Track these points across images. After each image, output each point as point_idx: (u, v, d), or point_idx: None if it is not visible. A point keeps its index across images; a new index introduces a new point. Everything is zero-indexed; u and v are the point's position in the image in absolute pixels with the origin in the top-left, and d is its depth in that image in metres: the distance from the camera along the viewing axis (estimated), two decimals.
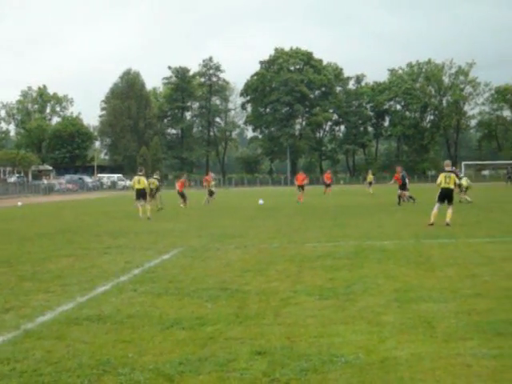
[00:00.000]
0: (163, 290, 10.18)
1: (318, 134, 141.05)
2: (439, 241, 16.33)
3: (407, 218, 25.01)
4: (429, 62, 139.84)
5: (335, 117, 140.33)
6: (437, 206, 21.40)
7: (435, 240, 16.52)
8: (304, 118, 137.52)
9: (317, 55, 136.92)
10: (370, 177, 55.67)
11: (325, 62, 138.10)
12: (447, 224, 20.62)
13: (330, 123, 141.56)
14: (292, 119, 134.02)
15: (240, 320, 8.01)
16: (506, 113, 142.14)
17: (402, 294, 9.34)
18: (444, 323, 7.54)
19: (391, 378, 5.72)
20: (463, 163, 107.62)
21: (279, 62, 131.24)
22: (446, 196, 21.31)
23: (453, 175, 21.47)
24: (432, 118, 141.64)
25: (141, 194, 28.02)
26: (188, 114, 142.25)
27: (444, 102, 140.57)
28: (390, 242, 16.39)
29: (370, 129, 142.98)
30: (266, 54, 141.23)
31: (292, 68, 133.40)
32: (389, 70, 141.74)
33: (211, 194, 40.81)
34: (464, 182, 35.54)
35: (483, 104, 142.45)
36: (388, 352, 6.46)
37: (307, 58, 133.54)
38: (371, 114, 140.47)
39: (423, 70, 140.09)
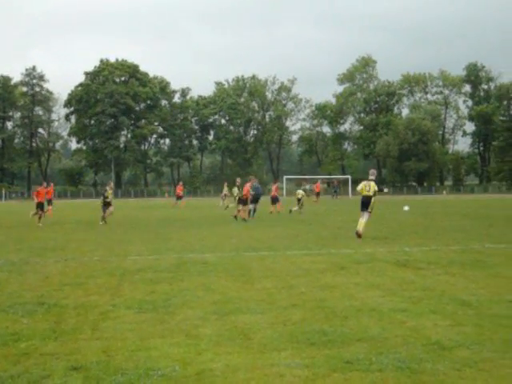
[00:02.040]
0: None
1: (143, 147, 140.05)
2: (259, 253, 16.64)
3: (230, 231, 25.33)
4: (253, 77, 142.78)
5: (160, 130, 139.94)
6: (361, 214, 21.78)
7: (255, 252, 16.83)
8: (129, 130, 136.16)
9: (143, 68, 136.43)
10: (226, 189, 55.79)
11: (151, 75, 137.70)
12: (357, 232, 21.06)
13: (155, 136, 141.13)
14: (117, 131, 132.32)
15: (56, 335, 7.83)
16: (326, 129, 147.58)
17: (221, 306, 9.45)
18: (260, 334, 7.70)
19: None
20: (285, 177, 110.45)
21: (104, 73, 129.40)
22: (364, 203, 21.72)
23: (372, 183, 21.79)
24: (255, 132, 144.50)
25: None
26: (9, 124, 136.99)
27: (267, 117, 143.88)
28: (211, 254, 16.53)
29: (194, 142, 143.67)
30: (92, 65, 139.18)
31: (117, 80, 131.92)
32: (216, 82, 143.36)
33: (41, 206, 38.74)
34: (300, 195, 40.42)
35: (304, 120, 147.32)
36: (204, 364, 6.52)
37: (133, 71, 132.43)
38: (196, 127, 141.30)
39: (247, 85, 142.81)
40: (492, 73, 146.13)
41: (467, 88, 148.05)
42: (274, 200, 40.26)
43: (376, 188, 21.84)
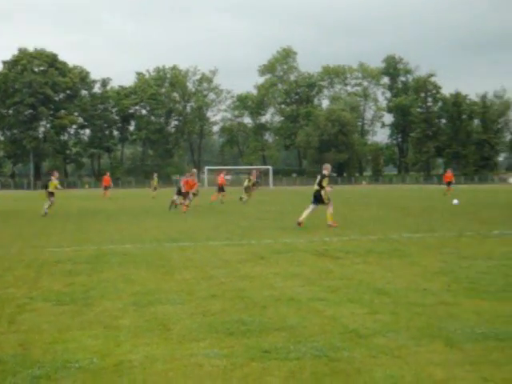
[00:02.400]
0: None
1: (62, 137, 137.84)
2: (179, 244, 16.62)
3: (150, 222, 25.20)
4: (174, 67, 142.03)
5: (80, 120, 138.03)
6: (310, 206, 22.00)
7: (176, 243, 16.80)
8: (48, 120, 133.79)
9: (62, 58, 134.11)
10: (155, 180, 56.21)
11: (70, 65, 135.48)
12: (328, 225, 21.29)
13: (75, 126, 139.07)
14: (36, 122, 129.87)
15: None
16: (247, 120, 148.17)
17: (140, 297, 9.42)
18: (179, 325, 7.69)
19: (124, 381, 5.75)
20: (206, 168, 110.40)
21: (23, 62, 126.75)
22: (314, 197, 21.94)
23: (319, 177, 22.06)
24: (177, 123, 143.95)
25: None
26: None
27: (188, 107, 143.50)
28: (131, 245, 16.44)
29: (115, 133, 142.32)
30: (10, 54, 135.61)
31: (36, 69, 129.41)
32: (137, 73, 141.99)
33: None
34: (246, 183, 42.88)
35: (225, 110, 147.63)
36: (123, 355, 6.49)
37: (52, 60, 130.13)
38: (117, 117, 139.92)
39: (168, 75, 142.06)
40: (410, 65, 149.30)
41: (386, 80, 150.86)
42: (220, 189, 42.56)
43: (318, 181, 22.04)
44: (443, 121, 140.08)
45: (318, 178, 22.12)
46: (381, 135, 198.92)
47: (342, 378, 5.79)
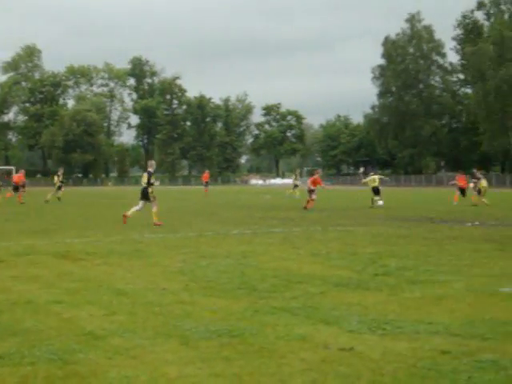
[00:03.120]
0: None
1: None
2: None
3: None
4: None
5: None
6: (139, 203, 22.66)
7: None
8: None
9: None
10: None
11: None
12: (154, 224, 21.57)
13: None
14: None
15: None
16: None
17: None
18: None
19: None
20: None
21: None
22: (142, 193, 22.58)
23: (145, 174, 22.46)
24: None
25: None
26: None
27: None
28: None
29: None
30: None
31: None
32: None
33: None
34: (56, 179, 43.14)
35: None
36: None
37: None
38: None
39: None
40: (156, 67, 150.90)
41: (132, 81, 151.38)
42: (16, 188, 42.55)
43: (146, 179, 22.33)
44: (188, 123, 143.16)
45: (146, 175, 22.52)
46: (127, 136, 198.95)
47: (76, 380, 5.77)
